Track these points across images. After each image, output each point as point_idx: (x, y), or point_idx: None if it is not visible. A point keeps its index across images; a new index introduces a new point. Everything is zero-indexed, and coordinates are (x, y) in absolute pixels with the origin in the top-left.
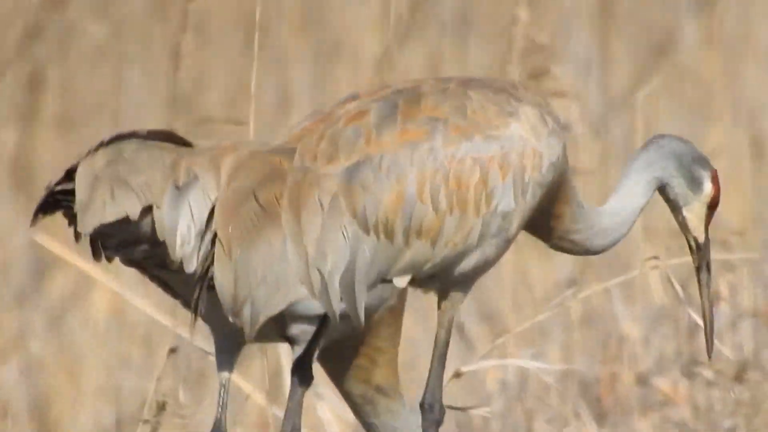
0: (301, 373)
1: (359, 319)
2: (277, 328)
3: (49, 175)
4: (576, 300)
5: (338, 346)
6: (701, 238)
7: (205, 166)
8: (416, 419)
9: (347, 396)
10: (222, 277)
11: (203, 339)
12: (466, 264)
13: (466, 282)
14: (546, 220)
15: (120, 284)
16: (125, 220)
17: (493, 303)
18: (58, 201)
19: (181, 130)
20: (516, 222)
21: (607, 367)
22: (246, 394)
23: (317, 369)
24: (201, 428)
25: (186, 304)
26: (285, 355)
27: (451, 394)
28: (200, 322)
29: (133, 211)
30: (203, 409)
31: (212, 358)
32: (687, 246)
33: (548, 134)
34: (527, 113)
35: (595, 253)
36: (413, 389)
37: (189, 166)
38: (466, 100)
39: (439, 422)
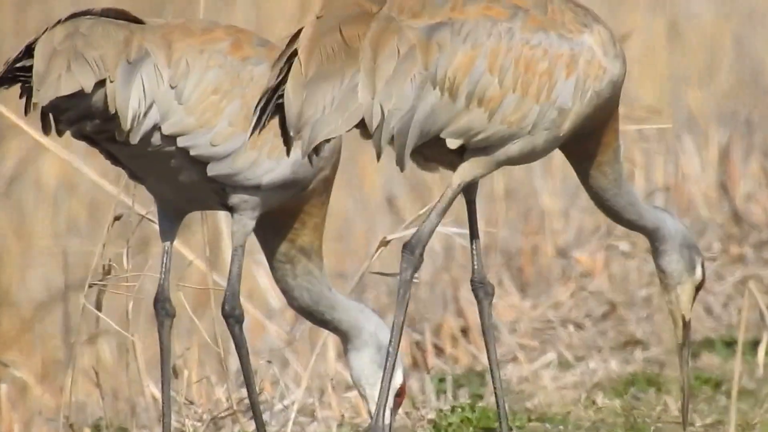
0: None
1: (403, 163)
2: (219, 197)
3: (7, 47)
4: (497, 171)
5: (273, 213)
6: (688, 316)
7: (156, 43)
8: (331, 299)
9: (271, 254)
10: (293, 92)
11: (146, 206)
12: (514, 147)
13: (498, 165)
14: (593, 144)
15: (69, 152)
16: (80, 93)
17: (419, 174)
18: (17, 75)
19: None
20: (568, 122)
21: (528, 239)
22: (188, 261)
23: (254, 243)
24: (145, 292)
25: (132, 175)
26: (224, 224)
27: (381, 261)
28: (145, 192)
29: (88, 84)
30: (147, 273)
31: (155, 225)
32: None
33: (615, 55)
34: (600, 31)
35: (607, 210)
36: (345, 260)
37: (141, 42)
38: (548, 1)
39: (416, 267)
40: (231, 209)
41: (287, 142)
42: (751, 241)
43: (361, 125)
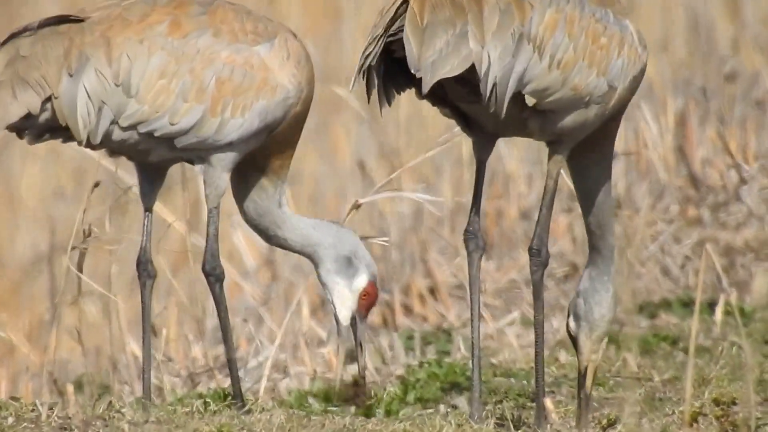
0: None
1: (502, 109)
2: (194, 162)
3: None
4: (465, 138)
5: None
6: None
7: (96, 44)
8: (279, 217)
9: (234, 175)
10: (412, 36)
11: (129, 171)
12: (569, 118)
13: (562, 142)
14: (601, 133)
15: None
16: (29, 115)
17: (391, 140)
18: None
19: None
20: (612, 100)
21: (493, 203)
22: (168, 223)
23: (232, 204)
24: (126, 254)
25: (112, 154)
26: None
27: (354, 224)
28: (125, 160)
29: (34, 106)
30: (129, 237)
31: (135, 190)
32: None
33: (644, 45)
34: (634, 24)
35: (590, 202)
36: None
37: (81, 49)
38: None
39: (545, 265)
40: (205, 167)
41: (373, 92)
42: (708, 204)
43: (468, 71)
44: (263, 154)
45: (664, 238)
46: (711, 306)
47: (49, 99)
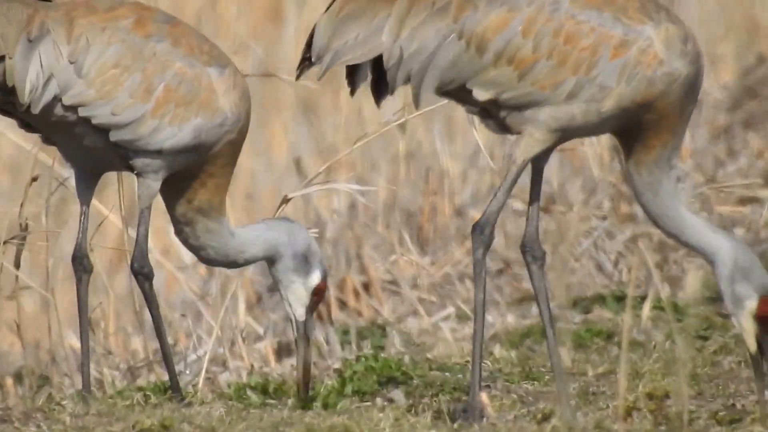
0: None
1: (419, 101)
2: (123, 161)
3: None
4: (400, 132)
5: (177, 174)
6: (752, 349)
7: (58, 20)
8: (237, 243)
9: (173, 216)
10: (324, 26)
11: (65, 166)
12: (553, 112)
13: (546, 132)
14: (636, 140)
15: None
16: None
17: (328, 138)
18: None
19: None
20: (610, 102)
21: (427, 199)
22: (104, 217)
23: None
24: (63, 249)
25: (46, 140)
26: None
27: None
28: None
29: None
30: (65, 232)
31: (71, 183)
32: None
33: (681, 53)
34: (670, 29)
35: (645, 213)
36: (254, 217)
37: (43, 20)
38: None
39: (486, 245)
40: (136, 172)
41: (362, 85)
42: None
43: (376, 62)
44: (197, 188)
45: (598, 233)
46: (644, 301)
47: (2, 58)
